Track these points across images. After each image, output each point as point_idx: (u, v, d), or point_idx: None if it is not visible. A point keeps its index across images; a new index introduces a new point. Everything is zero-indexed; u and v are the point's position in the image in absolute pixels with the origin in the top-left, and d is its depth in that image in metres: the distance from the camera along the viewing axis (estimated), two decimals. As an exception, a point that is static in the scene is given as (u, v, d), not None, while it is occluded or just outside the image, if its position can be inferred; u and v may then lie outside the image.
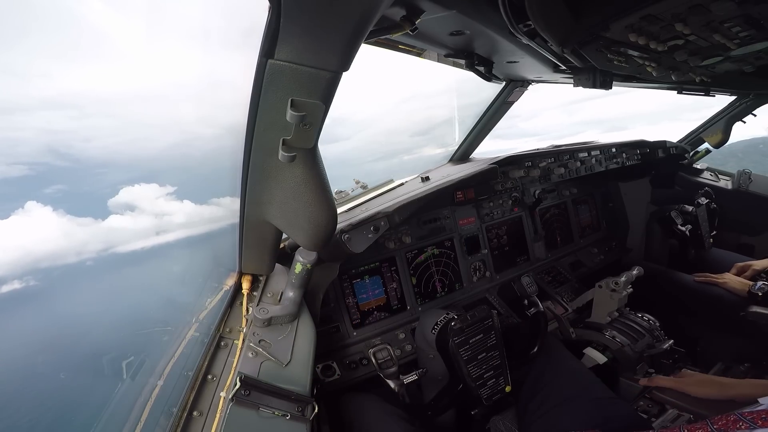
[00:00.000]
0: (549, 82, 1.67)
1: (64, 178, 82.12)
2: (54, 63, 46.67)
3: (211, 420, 0.88)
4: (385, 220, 1.39)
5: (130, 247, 16.77)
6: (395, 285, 1.67)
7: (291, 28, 0.63)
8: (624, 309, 1.72)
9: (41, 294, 7.77)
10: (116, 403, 0.99)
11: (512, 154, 1.97)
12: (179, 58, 1.42)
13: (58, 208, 41.55)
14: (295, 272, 1.13)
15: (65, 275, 17.92)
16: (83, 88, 79.55)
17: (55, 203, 45.78)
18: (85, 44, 17.54)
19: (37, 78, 29.30)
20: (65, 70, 57.30)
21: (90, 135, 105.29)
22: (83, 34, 13.30)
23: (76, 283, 11.62)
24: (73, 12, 5.78)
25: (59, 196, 61.62)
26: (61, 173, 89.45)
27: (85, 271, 22.93)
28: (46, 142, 71.99)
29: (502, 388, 1.24)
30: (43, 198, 39.73)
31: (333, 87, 0.74)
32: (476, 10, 0.79)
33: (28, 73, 14.76)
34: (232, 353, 1.02)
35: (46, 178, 66.39)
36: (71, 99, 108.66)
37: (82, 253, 25.95)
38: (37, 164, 65.60)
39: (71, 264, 24.34)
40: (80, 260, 26.01)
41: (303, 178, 0.91)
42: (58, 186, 70.96)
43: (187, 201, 12.00)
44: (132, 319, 1.44)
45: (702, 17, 0.73)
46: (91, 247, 27.69)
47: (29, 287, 10.17)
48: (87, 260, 25.71)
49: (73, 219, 37.71)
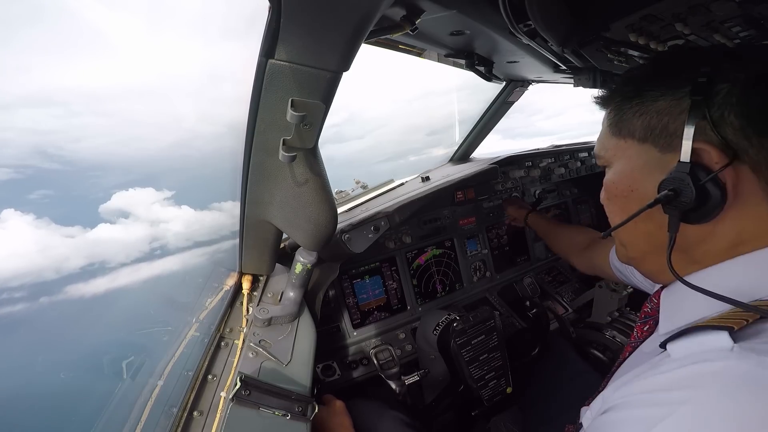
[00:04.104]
0: (549, 82, 1.67)
1: (53, 182, 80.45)
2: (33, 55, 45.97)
3: (212, 420, 0.88)
4: (385, 220, 1.39)
5: (128, 247, 16.68)
6: (395, 285, 1.67)
7: (291, 28, 0.63)
8: (624, 309, 1.72)
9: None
10: (116, 403, 0.99)
11: (512, 154, 1.97)
12: (177, 57, 1.43)
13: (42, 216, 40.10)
14: (295, 272, 1.13)
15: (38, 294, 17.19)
16: (69, 83, 79.00)
17: (39, 210, 44.19)
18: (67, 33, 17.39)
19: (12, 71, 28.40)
20: (47, 63, 56.59)
21: (79, 135, 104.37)
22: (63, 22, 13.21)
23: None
24: (54, 0, 5.55)
25: (46, 202, 59.95)
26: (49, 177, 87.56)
27: (71, 280, 22.44)
28: (33, 143, 70.58)
29: (504, 390, 1.24)
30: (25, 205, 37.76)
31: (333, 87, 0.74)
32: (476, 10, 0.79)
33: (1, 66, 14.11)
34: (233, 353, 1.02)
35: (31, 183, 64.59)
36: (55, 95, 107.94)
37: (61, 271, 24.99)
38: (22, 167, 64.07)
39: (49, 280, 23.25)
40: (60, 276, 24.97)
41: (303, 178, 0.91)
42: (45, 191, 69.16)
43: (186, 199, 11.86)
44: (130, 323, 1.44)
45: (702, 17, 0.73)
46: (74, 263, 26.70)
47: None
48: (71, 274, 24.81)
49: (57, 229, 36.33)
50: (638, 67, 0.64)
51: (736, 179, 0.50)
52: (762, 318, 0.43)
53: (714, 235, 0.54)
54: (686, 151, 0.51)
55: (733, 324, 0.43)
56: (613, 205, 0.65)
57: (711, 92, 0.51)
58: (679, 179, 0.51)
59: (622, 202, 0.62)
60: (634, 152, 0.59)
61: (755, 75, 0.50)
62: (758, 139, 0.49)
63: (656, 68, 0.60)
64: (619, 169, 0.62)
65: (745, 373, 0.39)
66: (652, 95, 0.57)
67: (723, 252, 0.54)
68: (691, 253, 0.57)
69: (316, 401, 0.96)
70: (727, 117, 0.50)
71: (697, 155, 0.51)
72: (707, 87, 0.51)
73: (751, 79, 0.50)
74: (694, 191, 0.50)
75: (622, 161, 0.62)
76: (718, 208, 0.51)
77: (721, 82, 0.51)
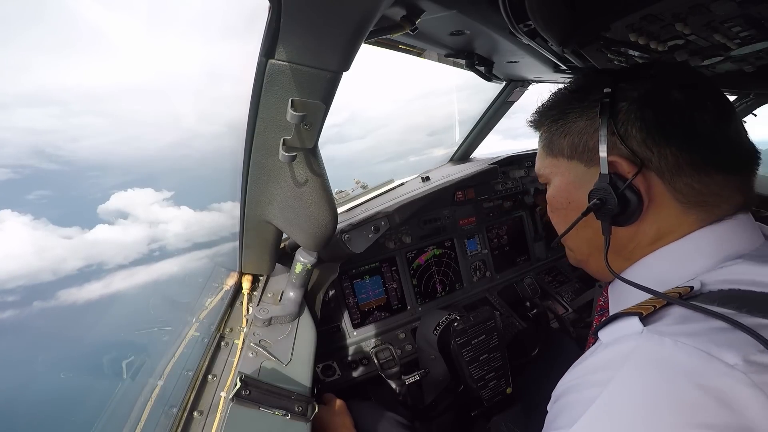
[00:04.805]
0: (549, 82, 1.67)
1: (51, 182, 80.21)
2: (32, 53, 46.17)
3: (212, 420, 0.88)
4: (385, 220, 1.39)
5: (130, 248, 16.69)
6: (395, 285, 1.67)
7: (291, 28, 0.63)
8: (624, 309, 1.72)
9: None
10: (116, 403, 0.99)
11: (512, 154, 1.97)
12: (177, 57, 1.43)
13: (40, 217, 39.34)
14: (295, 272, 1.13)
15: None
16: (68, 82, 79.42)
17: (37, 211, 43.42)
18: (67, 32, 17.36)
19: (9, 70, 28.40)
20: (44, 62, 56.92)
21: (78, 134, 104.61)
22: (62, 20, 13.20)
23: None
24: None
25: (44, 202, 59.54)
26: (47, 177, 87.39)
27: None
28: (31, 143, 70.52)
29: (503, 390, 1.24)
30: (23, 205, 36.99)
31: (333, 87, 0.74)
32: (476, 10, 0.79)
33: None
34: (233, 353, 1.02)
35: (29, 183, 63.91)
36: (54, 94, 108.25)
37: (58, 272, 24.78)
38: (20, 167, 63.34)
39: (44, 282, 23.02)
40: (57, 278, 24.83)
41: (303, 178, 0.91)
42: (42, 191, 68.76)
43: (186, 199, 11.71)
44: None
45: (702, 17, 0.73)
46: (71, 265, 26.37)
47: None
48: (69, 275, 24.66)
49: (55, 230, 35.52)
50: (558, 91, 0.71)
51: (647, 185, 0.58)
52: (668, 303, 0.50)
53: (638, 234, 0.62)
54: (603, 164, 0.59)
55: (641, 310, 0.49)
56: (556, 217, 0.73)
57: (614, 110, 0.59)
58: (603, 189, 0.59)
59: (564, 214, 0.70)
60: (565, 168, 0.67)
61: (645, 92, 0.58)
62: (657, 148, 0.57)
63: (572, 92, 0.68)
64: (556, 185, 0.70)
65: (650, 351, 0.45)
66: (572, 117, 0.65)
67: (646, 247, 0.62)
68: (623, 251, 0.64)
69: (316, 401, 0.96)
70: (631, 131, 0.58)
71: (613, 167, 0.59)
72: (611, 106, 0.59)
73: (642, 96, 0.58)
74: (615, 198, 0.57)
75: (557, 177, 0.69)
76: (638, 210, 0.58)
77: (620, 100, 0.59)
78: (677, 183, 0.57)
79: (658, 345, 0.45)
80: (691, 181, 0.57)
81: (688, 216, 0.58)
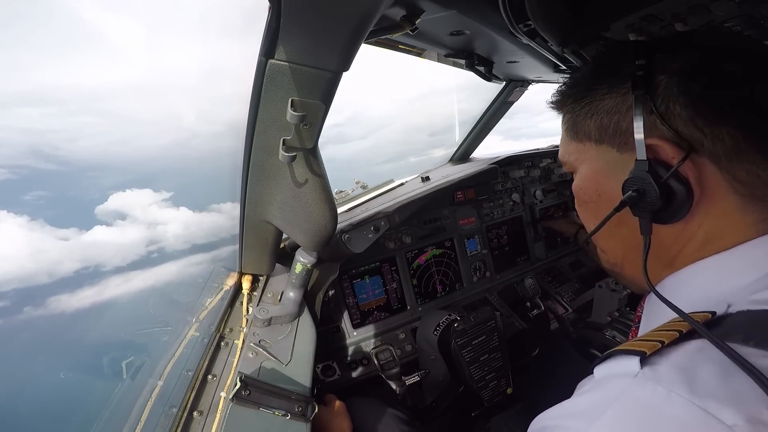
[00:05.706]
0: (549, 82, 1.67)
1: (48, 183, 79.66)
2: (29, 52, 46.16)
3: (212, 420, 0.88)
4: (385, 220, 1.39)
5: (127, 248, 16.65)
6: (395, 285, 1.67)
7: (291, 28, 0.63)
8: (624, 309, 1.72)
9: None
10: (116, 403, 0.99)
11: (512, 154, 1.97)
12: (177, 56, 1.43)
13: (37, 218, 39.09)
14: (295, 272, 1.13)
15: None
16: (65, 81, 79.26)
17: (34, 212, 43.02)
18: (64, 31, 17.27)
19: (7, 69, 28.57)
20: (38, 61, 56.94)
21: (76, 134, 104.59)
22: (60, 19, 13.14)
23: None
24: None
25: (41, 203, 59.20)
26: (44, 177, 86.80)
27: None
28: (28, 143, 70.19)
29: (504, 390, 1.24)
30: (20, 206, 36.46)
31: (333, 87, 0.74)
32: (476, 10, 0.79)
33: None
34: (233, 353, 1.02)
35: (26, 183, 63.25)
36: (50, 93, 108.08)
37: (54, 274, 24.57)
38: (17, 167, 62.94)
39: (40, 284, 22.80)
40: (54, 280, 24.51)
41: (303, 178, 0.91)
42: (40, 192, 68.22)
43: (186, 200, 11.67)
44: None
45: (702, 17, 0.73)
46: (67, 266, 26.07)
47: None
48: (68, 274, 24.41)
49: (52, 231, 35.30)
50: (582, 66, 0.62)
51: (698, 173, 0.47)
52: (687, 336, 0.41)
53: (683, 234, 0.51)
54: (641, 148, 0.49)
55: (646, 348, 0.41)
56: (585, 212, 0.63)
57: (651, 85, 0.49)
58: (640, 178, 0.49)
59: (593, 208, 0.60)
60: (593, 155, 0.57)
61: (690, 64, 0.48)
62: (710, 129, 0.46)
63: (597, 66, 0.58)
64: (583, 174, 0.60)
65: (637, 399, 0.38)
66: (599, 94, 0.54)
67: (693, 253, 0.51)
68: (665, 256, 0.54)
69: (316, 401, 0.96)
70: (674, 109, 0.48)
71: (653, 152, 0.49)
72: (646, 80, 0.49)
73: (685, 68, 0.48)
74: (657, 189, 0.48)
75: (584, 165, 0.59)
76: (687, 204, 0.48)
77: (658, 73, 0.49)
78: (737, 171, 0.47)
79: (650, 394, 0.38)
80: (757, 169, 0.46)
81: (746, 214, 0.48)
